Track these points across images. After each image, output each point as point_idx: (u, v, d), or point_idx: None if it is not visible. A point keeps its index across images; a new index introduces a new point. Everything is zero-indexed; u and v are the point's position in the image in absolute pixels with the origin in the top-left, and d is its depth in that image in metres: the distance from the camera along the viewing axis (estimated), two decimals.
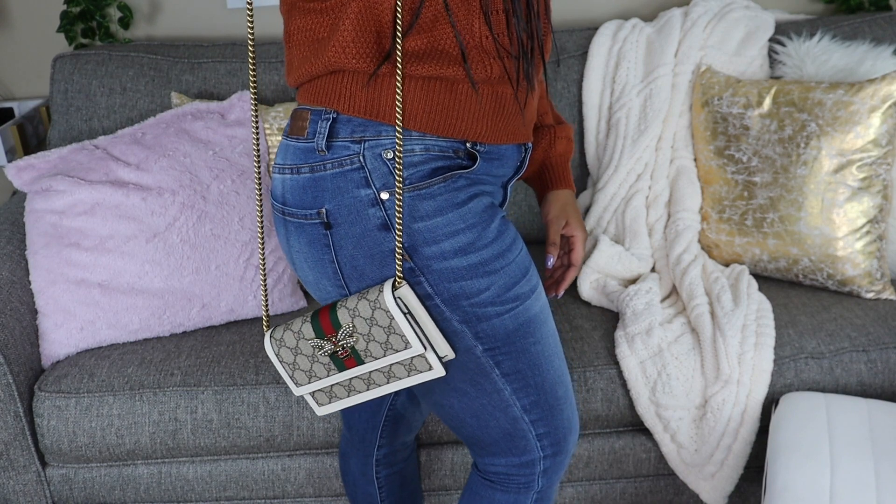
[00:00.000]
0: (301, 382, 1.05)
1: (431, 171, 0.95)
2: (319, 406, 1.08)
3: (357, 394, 1.05)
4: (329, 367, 1.02)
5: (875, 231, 1.62)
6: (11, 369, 1.47)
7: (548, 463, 1.11)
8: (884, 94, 1.58)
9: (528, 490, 1.13)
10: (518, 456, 1.10)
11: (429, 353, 0.98)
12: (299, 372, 1.04)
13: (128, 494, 1.58)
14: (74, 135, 1.89)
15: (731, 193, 1.71)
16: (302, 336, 1.01)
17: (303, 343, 1.01)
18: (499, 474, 1.12)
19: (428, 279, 0.96)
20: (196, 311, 1.62)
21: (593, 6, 2.10)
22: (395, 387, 1.02)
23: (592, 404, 1.50)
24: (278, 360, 1.04)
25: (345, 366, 1.01)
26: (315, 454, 1.56)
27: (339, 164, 0.95)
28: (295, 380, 1.05)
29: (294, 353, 1.03)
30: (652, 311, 1.54)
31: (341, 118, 0.95)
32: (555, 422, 1.09)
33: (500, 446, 1.09)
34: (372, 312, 0.96)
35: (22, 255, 1.64)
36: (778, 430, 1.33)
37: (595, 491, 1.60)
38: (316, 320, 0.99)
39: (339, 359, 1.01)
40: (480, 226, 0.97)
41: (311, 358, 1.02)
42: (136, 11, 2.08)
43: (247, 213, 1.65)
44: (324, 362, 1.02)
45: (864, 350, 1.50)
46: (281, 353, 1.03)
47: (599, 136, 1.87)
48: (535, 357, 1.04)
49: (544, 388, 1.06)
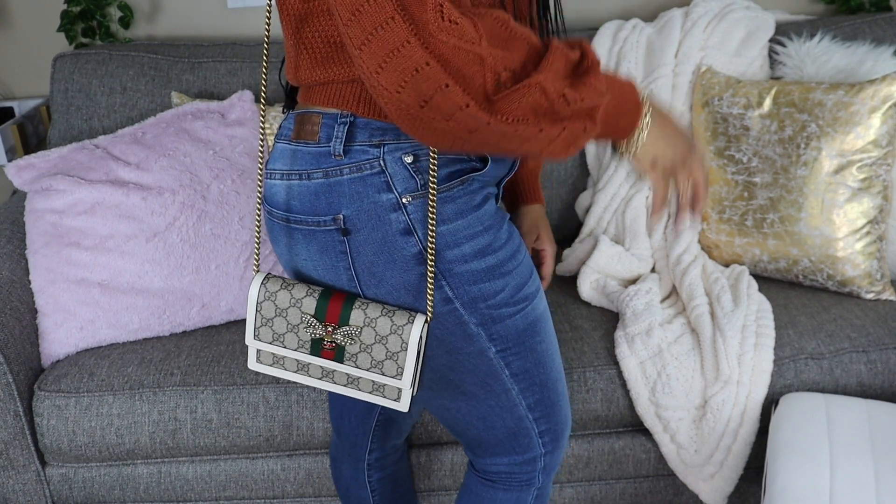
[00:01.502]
0: (262, 339, 1.00)
1: (448, 175, 0.94)
2: (257, 362, 1.03)
3: (306, 376, 1.01)
4: (302, 345, 0.98)
5: (875, 232, 1.62)
6: (11, 369, 1.47)
7: (547, 459, 1.12)
8: (884, 95, 1.58)
9: (530, 487, 1.13)
10: (521, 454, 1.11)
11: (407, 391, 0.98)
12: (267, 330, 0.99)
13: (127, 494, 1.58)
14: (74, 134, 1.89)
15: (731, 194, 1.71)
16: (298, 306, 0.97)
17: (293, 311, 0.97)
18: (500, 473, 1.13)
19: (449, 283, 0.96)
20: (196, 311, 1.62)
21: (593, 6, 2.10)
22: (348, 393, 1.01)
23: (592, 404, 1.50)
24: (256, 308, 0.99)
25: (320, 355, 0.98)
26: (315, 454, 1.56)
27: (357, 169, 0.93)
28: (258, 332, 1.00)
29: (277, 313, 0.98)
30: (652, 312, 1.54)
31: (359, 122, 0.93)
32: (555, 418, 1.10)
33: (504, 446, 1.10)
34: (388, 334, 0.95)
35: (22, 254, 1.64)
36: (777, 430, 1.33)
37: (595, 491, 1.60)
38: (324, 301, 0.96)
39: (319, 346, 0.98)
40: (495, 227, 0.97)
41: (292, 328, 0.98)
42: (136, 11, 2.08)
43: (247, 212, 1.65)
44: (301, 338, 0.98)
45: (863, 351, 1.50)
46: (264, 305, 0.98)
47: None
48: (541, 355, 1.05)
49: (547, 385, 1.07)
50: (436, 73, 0.78)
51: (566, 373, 1.50)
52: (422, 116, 0.80)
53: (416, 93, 0.78)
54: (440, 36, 0.78)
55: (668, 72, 1.82)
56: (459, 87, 0.79)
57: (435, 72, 0.78)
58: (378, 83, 0.79)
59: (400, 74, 0.78)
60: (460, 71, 0.79)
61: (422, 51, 0.77)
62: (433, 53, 0.78)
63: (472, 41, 0.79)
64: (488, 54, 0.80)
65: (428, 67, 0.78)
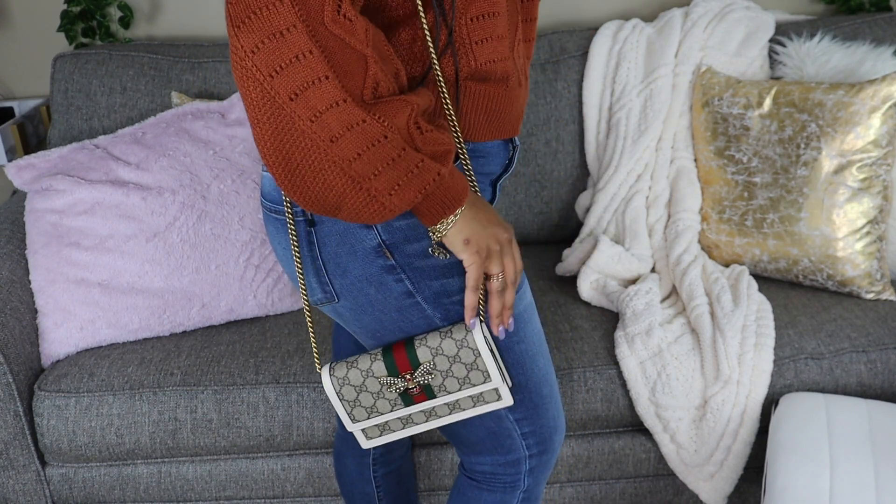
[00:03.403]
0: (359, 419, 1.03)
1: None
2: (368, 439, 1.07)
3: (412, 426, 1.05)
4: (394, 403, 1.01)
5: (875, 232, 1.62)
6: (11, 368, 1.47)
7: (534, 462, 1.11)
8: (884, 95, 1.58)
9: (515, 489, 1.13)
10: (503, 455, 1.10)
11: (502, 386, 0.99)
12: (359, 408, 1.03)
13: (127, 494, 1.58)
14: (74, 134, 1.89)
15: (731, 194, 1.71)
16: (371, 374, 1.00)
17: (371, 381, 1.00)
18: (485, 473, 1.13)
19: (409, 277, 0.97)
20: (196, 311, 1.62)
21: (593, 6, 2.10)
22: (454, 418, 1.03)
23: (592, 404, 1.50)
24: (339, 397, 1.02)
25: (413, 401, 1.01)
26: (315, 454, 1.56)
27: None
28: (353, 416, 1.03)
29: (358, 391, 1.01)
30: (652, 312, 1.54)
31: None
32: (540, 421, 1.09)
33: (485, 445, 1.09)
34: (457, 351, 0.97)
35: (22, 254, 1.64)
36: (777, 430, 1.33)
37: (595, 491, 1.60)
38: (389, 358, 0.99)
39: (409, 395, 1.01)
40: None
41: (377, 395, 1.01)
42: (136, 11, 2.08)
43: (247, 212, 1.65)
44: (390, 398, 1.01)
45: (863, 351, 1.50)
46: (343, 391, 1.01)
47: (599, 136, 1.87)
48: (520, 356, 1.04)
49: (529, 387, 1.06)
50: (316, 64, 0.76)
51: (567, 373, 1.50)
52: (286, 112, 0.78)
53: (289, 81, 0.76)
54: (332, 27, 0.75)
55: (668, 72, 1.82)
56: (338, 82, 0.76)
57: (316, 62, 0.75)
58: (252, 64, 0.76)
59: (277, 58, 0.75)
60: (343, 67, 0.77)
61: (306, 38, 0.75)
62: (318, 43, 0.75)
63: (361, 41, 0.78)
64: (373, 60, 0.79)
65: (310, 56, 0.75)
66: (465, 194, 0.90)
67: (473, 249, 0.92)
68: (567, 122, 1.89)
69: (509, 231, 0.95)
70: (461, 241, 0.91)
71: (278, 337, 1.61)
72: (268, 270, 1.67)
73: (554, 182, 1.91)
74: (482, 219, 0.92)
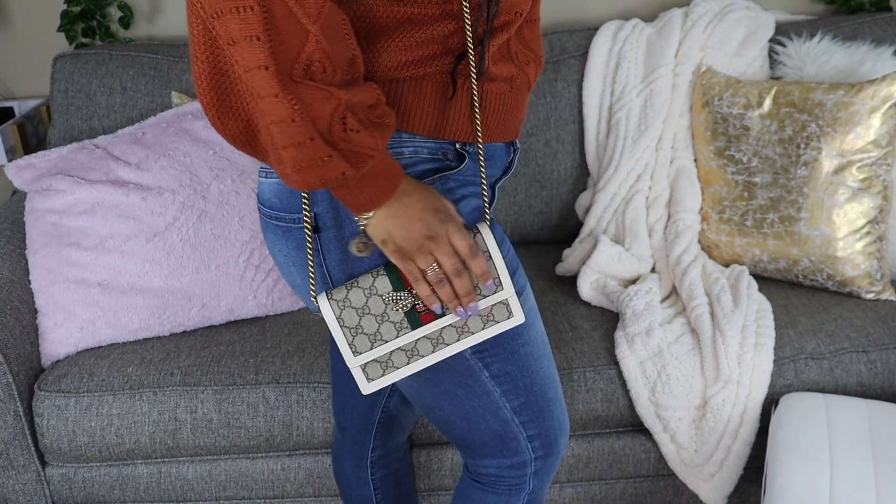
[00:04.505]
0: (361, 349, 0.96)
1: (421, 174, 0.94)
2: (369, 381, 0.99)
3: (418, 359, 0.98)
4: (400, 327, 0.95)
5: (875, 232, 1.62)
6: (11, 368, 1.47)
7: (539, 464, 1.11)
8: (884, 95, 1.58)
9: (519, 492, 1.12)
10: (509, 457, 1.10)
11: (514, 299, 0.95)
12: (361, 336, 0.96)
13: (127, 494, 1.58)
14: (74, 134, 1.89)
15: (731, 194, 1.71)
16: (374, 292, 0.94)
17: (374, 300, 0.94)
18: (489, 476, 1.12)
19: None
20: (196, 311, 1.63)
21: (593, 6, 2.10)
22: (464, 345, 0.97)
23: (592, 404, 1.50)
24: (339, 322, 0.95)
25: (420, 322, 0.95)
26: (314, 454, 1.56)
27: None
28: (354, 346, 0.96)
29: (360, 314, 0.95)
30: (652, 312, 1.54)
31: None
32: (546, 423, 1.08)
33: (490, 448, 1.09)
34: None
35: (22, 254, 1.64)
36: (777, 430, 1.33)
37: (595, 491, 1.60)
38: (393, 272, 0.94)
39: (415, 314, 0.95)
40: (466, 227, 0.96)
41: (381, 317, 0.95)
42: (136, 11, 2.08)
43: (247, 212, 1.65)
44: (395, 320, 0.95)
45: (863, 351, 1.50)
46: (343, 314, 0.94)
47: (599, 136, 1.87)
48: (524, 359, 1.03)
49: (534, 389, 1.06)
50: (253, 22, 0.74)
51: (567, 373, 1.50)
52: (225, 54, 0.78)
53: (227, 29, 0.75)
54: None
55: (668, 72, 1.82)
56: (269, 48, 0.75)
57: (254, 20, 0.74)
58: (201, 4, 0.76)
59: (221, 3, 0.75)
60: (280, 35, 0.75)
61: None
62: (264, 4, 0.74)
63: (308, 16, 0.76)
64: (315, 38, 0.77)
65: (250, 12, 0.74)
66: (380, 200, 0.88)
67: (391, 249, 0.91)
68: (567, 122, 1.90)
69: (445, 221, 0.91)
70: (379, 240, 0.91)
71: (278, 337, 1.61)
72: (268, 270, 1.67)
73: (554, 182, 1.91)
74: (403, 216, 0.90)
